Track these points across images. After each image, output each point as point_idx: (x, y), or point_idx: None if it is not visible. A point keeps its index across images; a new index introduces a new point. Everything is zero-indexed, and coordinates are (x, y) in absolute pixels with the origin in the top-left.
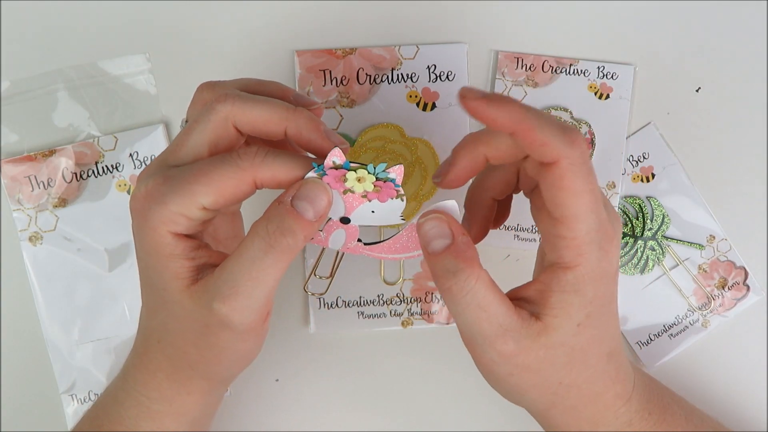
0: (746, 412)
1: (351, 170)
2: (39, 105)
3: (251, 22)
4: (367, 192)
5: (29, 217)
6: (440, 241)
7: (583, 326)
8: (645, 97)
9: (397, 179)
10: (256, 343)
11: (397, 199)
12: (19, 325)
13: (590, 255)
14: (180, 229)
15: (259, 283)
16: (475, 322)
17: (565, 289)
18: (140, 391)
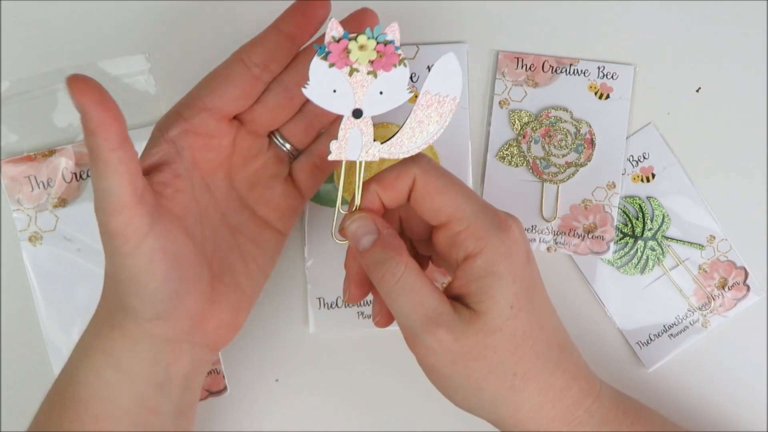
0: (746, 412)
1: (351, 39)
2: (39, 105)
3: (251, 22)
4: (373, 61)
5: (29, 217)
6: (368, 238)
7: (516, 308)
8: (645, 97)
9: (396, 40)
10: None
11: (401, 65)
12: (19, 325)
13: (491, 237)
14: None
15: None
16: (410, 308)
17: (480, 275)
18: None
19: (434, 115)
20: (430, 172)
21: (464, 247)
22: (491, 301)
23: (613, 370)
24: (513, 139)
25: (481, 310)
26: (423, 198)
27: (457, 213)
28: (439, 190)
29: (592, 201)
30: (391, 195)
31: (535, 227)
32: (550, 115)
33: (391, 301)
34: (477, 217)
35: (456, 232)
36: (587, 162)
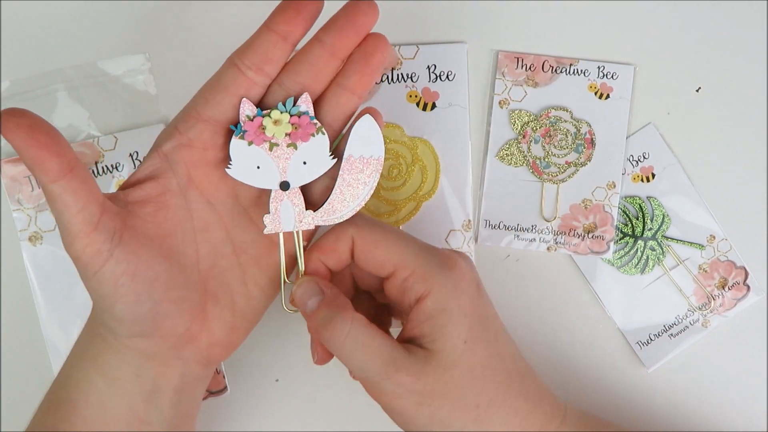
0: (746, 412)
1: (265, 116)
2: (39, 105)
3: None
4: (290, 133)
5: (29, 217)
6: (314, 300)
7: (471, 341)
8: (645, 97)
9: (309, 110)
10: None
11: (318, 133)
12: (19, 325)
13: (436, 276)
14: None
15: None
16: (364, 360)
17: (431, 315)
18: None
19: (362, 177)
20: (366, 228)
21: (414, 291)
22: (444, 338)
23: (613, 370)
24: (513, 139)
25: (435, 348)
26: (365, 254)
27: (400, 261)
28: (378, 243)
29: (592, 201)
30: (334, 259)
31: (535, 227)
32: (550, 115)
33: (344, 357)
34: (420, 260)
35: (403, 279)
36: (587, 162)
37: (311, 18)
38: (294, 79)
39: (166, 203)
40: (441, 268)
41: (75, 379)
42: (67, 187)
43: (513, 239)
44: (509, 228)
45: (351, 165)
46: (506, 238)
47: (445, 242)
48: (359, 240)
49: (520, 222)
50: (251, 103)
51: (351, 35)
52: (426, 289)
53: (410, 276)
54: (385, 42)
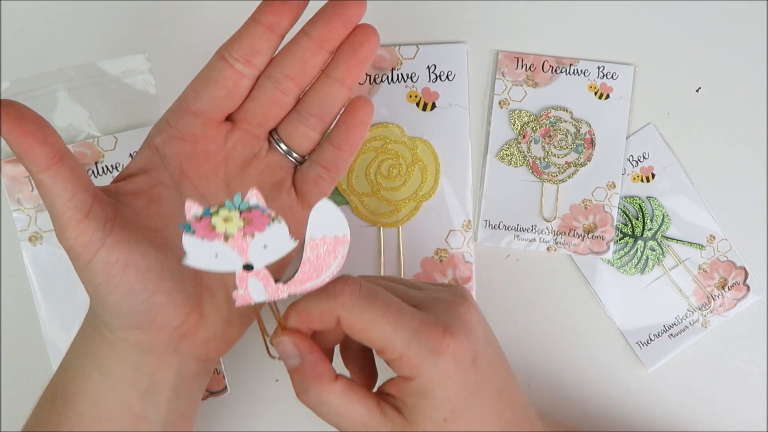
0: (746, 412)
1: (213, 215)
2: (39, 105)
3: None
4: (243, 229)
5: (29, 217)
6: (292, 360)
7: (451, 420)
8: (645, 97)
9: (260, 203)
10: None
11: (275, 222)
12: (19, 325)
13: (424, 365)
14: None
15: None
16: (337, 425)
17: (414, 394)
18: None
19: (331, 252)
20: (353, 309)
21: (401, 371)
22: (423, 417)
23: (613, 370)
24: (513, 139)
25: (413, 422)
26: (352, 333)
27: (388, 345)
28: (365, 326)
29: (592, 201)
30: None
31: (535, 227)
32: (550, 115)
33: (322, 417)
34: (410, 346)
35: (390, 360)
36: (587, 162)
37: (298, 9)
38: (281, 71)
39: (159, 196)
40: (431, 355)
41: (72, 373)
42: (57, 175)
43: (513, 239)
44: (509, 228)
45: (314, 245)
46: (506, 238)
47: (446, 242)
48: (345, 321)
49: (520, 222)
50: (196, 203)
51: (338, 27)
52: (412, 374)
53: (397, 360)
54: (374, 33)
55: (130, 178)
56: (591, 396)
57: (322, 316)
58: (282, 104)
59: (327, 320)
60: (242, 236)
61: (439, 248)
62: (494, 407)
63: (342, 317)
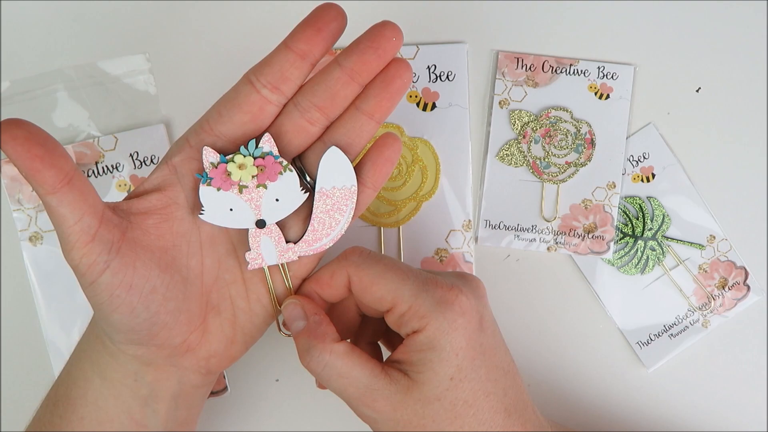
0: (746, 412)
1: (229, 161)
2: (39, 105)
3: (251, 22)
4: (256, 176)
5: (29, 217)
6: (298, 323)
7: (457, 379)
8: (645, 97)
9: (273, 150)
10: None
11: (286, 171)
12: (19, 325)
13: (432, 314)
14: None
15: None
16: (341, 389)
17: (422, 349)
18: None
19: (337, 207)
20: (363, 266)
21: (410, 326)
22: (430, 373)
23: (613, 370)
24: (513, 139)
25: (419, 380)
26: (362, 291)
27: (397, 298)
28: (374, 281)
29: (592, 201)
30: (329, 293)
31: (535, 227)
32: (550, 115)
33: (324, 382)
34: (417, 297)
35: (400, 314)
36: (587, 162)
37: (332, 38)
38: (310, 99)
39: (171, 215)
40: (438, 305)
41: (74, 378)
42: (63, 199)
43: (513, 239)
44: (509, 228)
45: (324, 197)
46: (506, 238)
47: (446, 242)
48: (356, 278)
49: (520, 222)
50: (213, 150)
51: (372, 60)
52: (421, 326)
53: (406, 312)
54: (408, 68)
55: (144, 196)
56: (591, 396)
57: (333, 276)
58: (308, 133)
59: (337, 282)
60: (255, 186)
61: (440, 248)
62: (499, 382)
63: (351, 275)
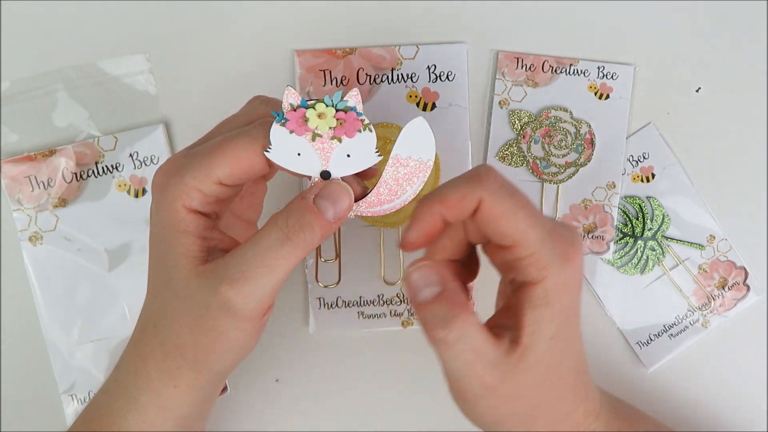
0: (746, 412)
1: (309, 107)
2: (39, 105)
3: (251, 22)
4: (333, 128)
5: (29, 217)
6: (430, 290)
7: (554, 339)
8: (645, 97)
9: (357, 106)
10: (253, 335)
11: (365, 130)
12: (19, 325)
13: (553, 268)
14: (195, 204)
15: (270, 271)
16: (468, 365)
17: (536, 304)
18: (129, 380)
19: (407, 177)
20: (496, 195)
21: (525, 273)
22: (537, 334)
23: (613, 370)
24: (513, 139)
25: (527, 345)
26: (488, 221)
27: (523, 240)
28: (505, 215)
29: (592, 201)
30: (453, 214)
31: None
32: (550, 115)
33: (449, 358)
34: (543, 246)
35: (518, 258)
36: (587, 162)
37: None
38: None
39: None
40: (561, 260)
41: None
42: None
43: None
44: None
45: (397, 163)
46: None
47: None
48: (487, 206)
49: None
50: (295, 92)
51: None
52: (539, 277)
53: (527, 258)
54: None
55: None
56: None
57: (463, 199)
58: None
59: (466, 205)
60: (329, 138)
61: None
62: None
63: (484, 200)
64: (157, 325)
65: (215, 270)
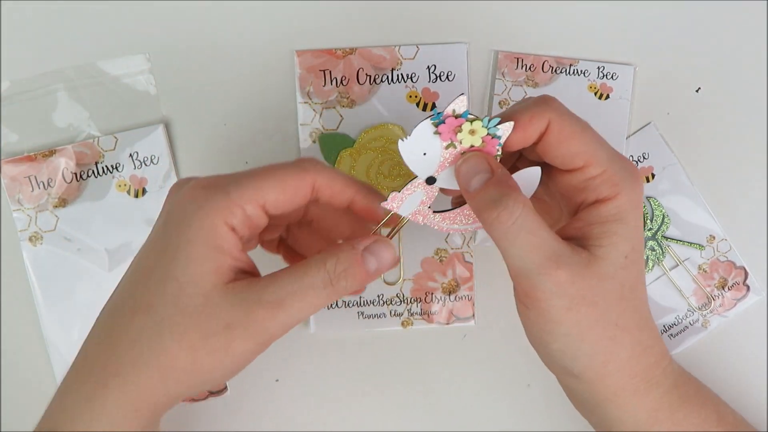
0: (746, 412)
1: (468, 120)
2: (39, 105)
3: (251, 22)
4: (474, 146)
5: (29, 217)
6: (480, 176)
7: (630, 259)
8: (645, 97)
9: (503, 138)
10: (249, 361)
11: (497, 158)
12: (19, 325)
13: (625, 184)
14: (236, 222)
15: (307, 306)
16: (527, 250)
17: (608, 220)
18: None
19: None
20: (565, 116)
21: (598, 192)
22: (611, 247)
23: None
24: None
25: (599, 255)
26: (558, 142)
27: (594, 158)
28: (575, 134)
29: None
30: (521, 136)
31: None
32: None
33: (507, 243)
34: (613, 163)
35: (590, 177)
36: None
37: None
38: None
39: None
40: (631, 177)
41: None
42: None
43: None
44: None
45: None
46: None
47: (446, 242)
48: (556, 126)
49: None
50: (466, 101)
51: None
52: (612, 193)
53: (600, 175)
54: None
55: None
56: None
57: (532, 120)
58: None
59: (535, 127)
60: (461, 154)
61: (439, 248)
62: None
63: (554, 121)
64: (143, 345)
65: (248, 291)
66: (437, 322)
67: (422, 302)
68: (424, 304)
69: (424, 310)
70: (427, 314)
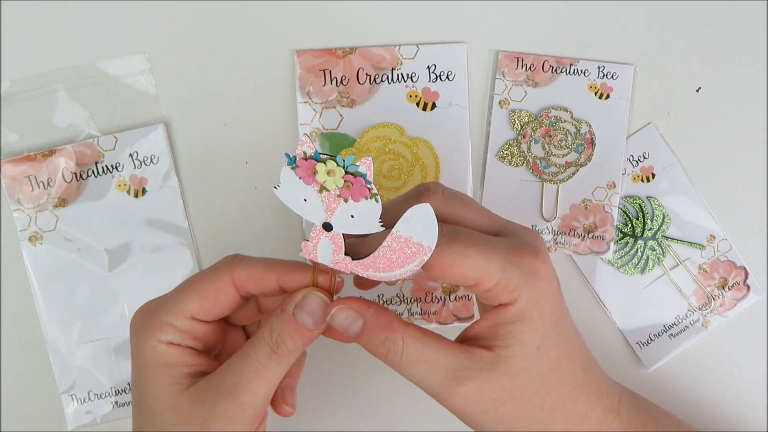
0: (746, 412)
1: (321, 162)
2: (39, 105)
3: (251, 22)
4: (339, 188)
5: (29, 217)
6: (356, 325)
7: (543, 347)
8: (645, 97)
9: (368, 175)
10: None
11: (371, 199)
12: (19, 325)
13: (522, 287)
14: (171, 338)
15: (263, 381)
16: (423, 376)
17: (512, 321)
18: None
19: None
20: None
21: (498, 299)
22: (519, 346)
23: (613, 370)
24: (513, 139)
25: (507, 355)
26: (442, 273)
27: (483, 275)
28: (456, 261)
29: (592, 201)
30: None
31: (534, 227)
32: (550, 115)
33: (404, 374)
34: (506, 271)
35: (486, 290)
36: (587, 162)
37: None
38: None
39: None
40: (527, 276)
41: None
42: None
43: None
44: None
45: (395, 242)
46: None
47: None
48: (436, 263)
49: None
50: (311, 143)
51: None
52: (511, 299)
53: (494, 287)
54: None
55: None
56: None
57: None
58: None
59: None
60: (336, 196)
61: None
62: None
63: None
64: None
65: (208, 386)
66: (437, 321)
67: (422, 302)
68: (424, 304)
69: (424, 310)
70: (427, 314)
